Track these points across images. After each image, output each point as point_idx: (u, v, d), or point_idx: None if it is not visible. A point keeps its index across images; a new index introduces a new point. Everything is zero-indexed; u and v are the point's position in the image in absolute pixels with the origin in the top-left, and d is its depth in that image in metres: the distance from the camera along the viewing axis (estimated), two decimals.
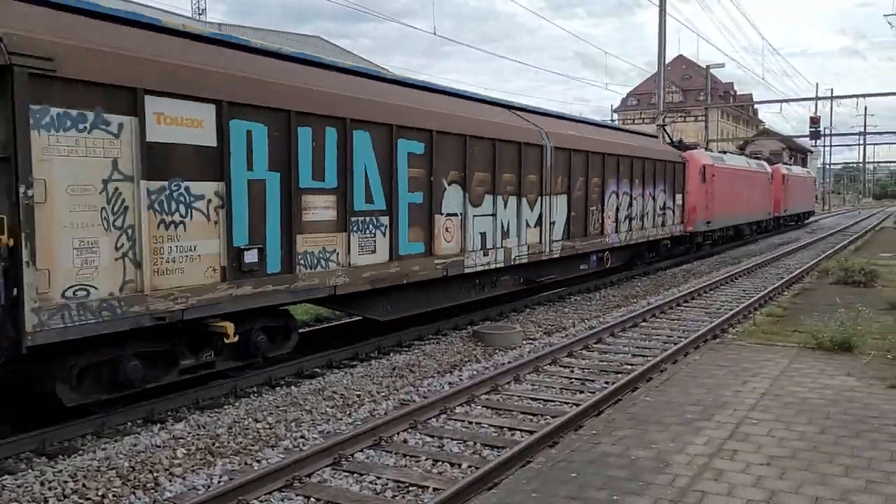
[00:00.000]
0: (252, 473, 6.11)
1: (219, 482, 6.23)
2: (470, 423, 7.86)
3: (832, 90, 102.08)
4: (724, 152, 32.28)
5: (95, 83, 6.79)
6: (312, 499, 5.93)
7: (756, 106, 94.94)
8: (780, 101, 44.32)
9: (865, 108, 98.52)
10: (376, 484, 6.26)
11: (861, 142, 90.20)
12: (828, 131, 63.47)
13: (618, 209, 18.01)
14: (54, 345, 6.54)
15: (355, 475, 6.42)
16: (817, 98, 55.12)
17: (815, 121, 46.84)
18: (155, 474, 6.31)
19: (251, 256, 8.37)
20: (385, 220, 10.43)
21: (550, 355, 10.58)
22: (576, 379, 9.71)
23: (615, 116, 79.08)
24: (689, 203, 23.49)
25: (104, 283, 6.89)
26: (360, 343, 11.02)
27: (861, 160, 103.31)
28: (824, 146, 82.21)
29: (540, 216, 14.42)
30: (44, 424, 7.15)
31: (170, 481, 6.21)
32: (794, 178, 42.84)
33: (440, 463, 6.71)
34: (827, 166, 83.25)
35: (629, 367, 10.17)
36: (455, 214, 11.93)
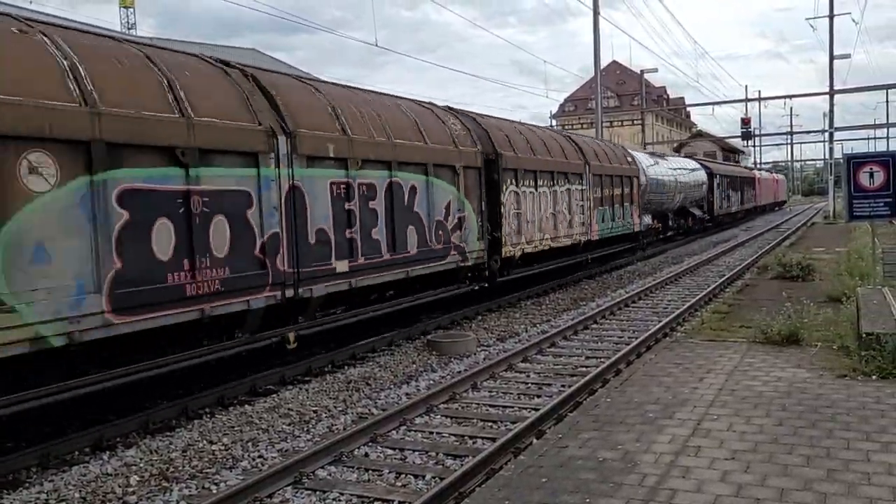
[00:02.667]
0: (211, 497, 5.90)
1: None
2: (431, 433, 7.77)
3: (759, 92, 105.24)
4: (760, 169, 68.63)
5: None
6: None
7: (689, 108, 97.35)
8: (712, 104, 45.59)
9: (791, 109, 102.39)
10: (340, 501, 6.13)
11: (788, 141, 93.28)
12: (757, 131, 65.39)
13: (746, 195, 48.71)
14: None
15: (318, 493, 6.27)
16: (747, 100, 56.76)
17: (746, 122, 48.31)
18: None
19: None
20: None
21: (506, 361, 10.56)
22: (533, 384, 9.70)
23: (554, 122, 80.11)
24: (755, 194, 53.75)
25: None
26: (313, 357, 10.80)
27: (789, 159, 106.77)
28: (754, 146, 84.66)
29: (736, 198, 45.71)
30: None
31: None
32: (779, 181, 77.09)
33: (403, 475, 6.61)
34: (758, 165, 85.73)
35: (585, 369, 10.22)
36: (731, 198, 43.55)
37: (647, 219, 25.51)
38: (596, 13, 32.85)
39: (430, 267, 12.73)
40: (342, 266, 10.54)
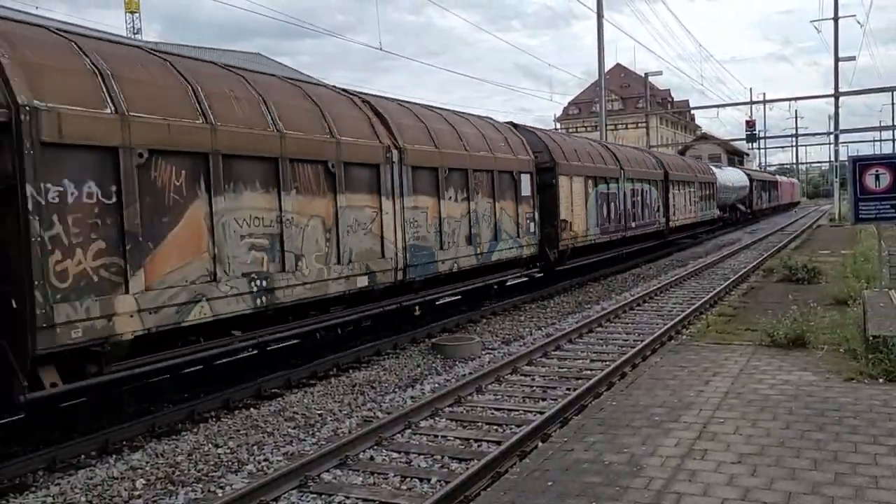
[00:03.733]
0: (217, 501, 5.91)
1: None
2: (436, 436, 7.76)
3: (764, 94, 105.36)
4: (777, 174, 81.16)
5: None
6: None
7: (693, 111, 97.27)
8: (717, 106, 45.62)
9: (796, 111, 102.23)
10: None
11: (793, 143, 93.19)
12: (762, 134, 65.31)
13: (772, 195, 62.09)
14: None
15: (323, 496, 6.27)
16: (751, 102, 56.70)
17: (750, 124, 48.18)
18: None
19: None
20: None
21: (510, 364, 10.54)
22: (538, 387, 9.69)
23: (558, 125, 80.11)
24: (778, 194, 65.91)
25: None
26: (318, 361, 10.81)
27: (794, 161, 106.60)
28: (759, 148, 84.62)
29: (766, 197, 59.13)
30: None
31: None
32: (794, 185, 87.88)
33: (408, 479, 6.60)
34: (762, 168, 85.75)
35: (590, 372, 10.20)
36: (763, 197, 56.78)
37: (717, 211, 37.89)
38: (600, 16, 32.88)
39: (650, 228, 25.49)
40: (635, 224, 23.54)
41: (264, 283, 8.91)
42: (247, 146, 8.76)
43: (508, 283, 17.09)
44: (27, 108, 6.50)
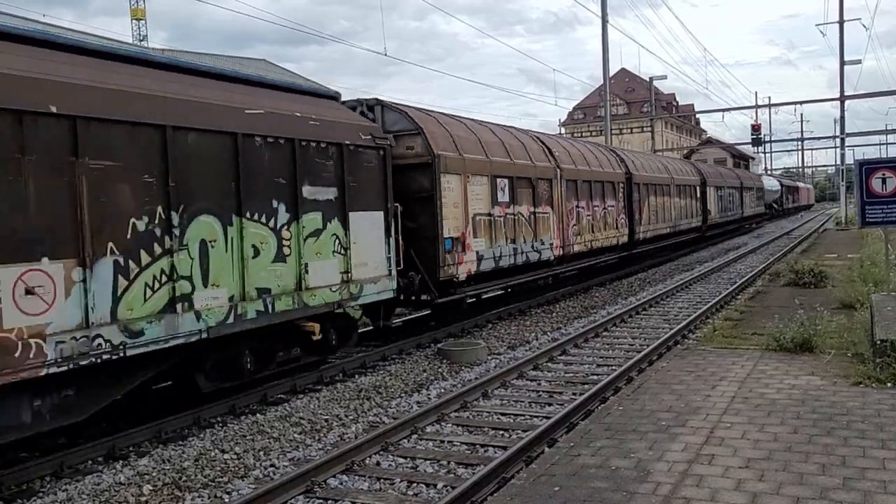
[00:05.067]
0: None
1: None
2: (442, 441, 7.76)
3: (769, 98, 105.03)
4: (799, 178, 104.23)
5: None
6: None
7: (698, 115, 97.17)
8: (722, 111, 45.81)
9: (802, 115, 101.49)
10: None
11: (799, 147, 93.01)
12: (767, 138, 65.19)
13: (794, 197, 77.35)
14: None
15: (330, 502, 6.28)
16: (757, 106, 56.75)
17: (756, 128, 48.11)
18: None
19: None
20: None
21: (516, 369, 10.54)
22: (544, 392, 9.68)
23: (563, 130, 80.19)
24: (798, 197, 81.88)
25: None
26: (324, 366, 10.82)
27: (800, 165, 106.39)
28: (765, 152, 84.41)
29: (791, 198, 77.20)
30: None
31: None
32: (810, 190, 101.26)
33: (415, 484, 6.60)
34: (768, 172, 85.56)
35: (596, 377, 10.18)
36: (789, 199, 74.83)
37: (763, 208, 51.44)
38: (604, 21, 32.91)
39: (735, 216, 40.07)
40: (729, 213, 38.07)
41: (650, 226, 24.40)
42: (657, 181, 25.61)
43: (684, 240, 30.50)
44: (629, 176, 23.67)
